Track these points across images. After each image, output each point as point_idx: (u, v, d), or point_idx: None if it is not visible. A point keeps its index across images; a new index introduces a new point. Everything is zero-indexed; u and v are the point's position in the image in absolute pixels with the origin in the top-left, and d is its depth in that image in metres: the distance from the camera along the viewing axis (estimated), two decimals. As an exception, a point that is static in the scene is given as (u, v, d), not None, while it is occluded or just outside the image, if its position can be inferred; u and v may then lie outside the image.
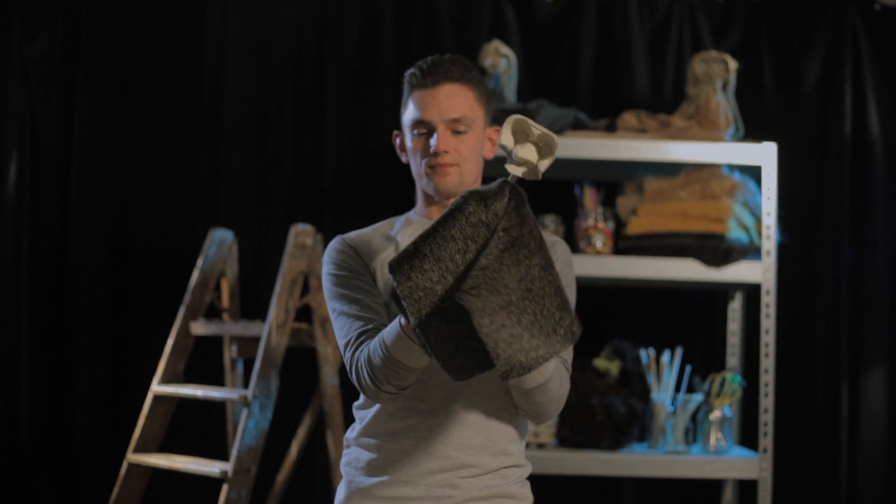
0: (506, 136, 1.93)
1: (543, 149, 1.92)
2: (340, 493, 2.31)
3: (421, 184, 2.34)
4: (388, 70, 4.55)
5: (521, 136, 1.93)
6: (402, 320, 2.01)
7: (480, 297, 1.84)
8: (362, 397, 2.31)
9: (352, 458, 2.30)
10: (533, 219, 1.87)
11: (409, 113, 2.32)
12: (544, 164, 1.92)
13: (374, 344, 2.09)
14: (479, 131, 2.32)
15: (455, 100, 2.27)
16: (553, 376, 2.11)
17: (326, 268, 2.31)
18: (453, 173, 2.27)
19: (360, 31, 4.57)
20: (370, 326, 2.17)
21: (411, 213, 2.40)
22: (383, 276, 2.26)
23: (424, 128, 2.29)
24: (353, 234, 2.36)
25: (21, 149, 4.48)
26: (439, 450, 2.20)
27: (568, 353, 2.25)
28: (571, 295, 2.29)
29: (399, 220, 2.39)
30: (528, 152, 1.91)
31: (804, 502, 4.49)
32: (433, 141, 2.27)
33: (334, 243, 2.33)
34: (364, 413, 2.29)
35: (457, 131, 2.27)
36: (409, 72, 2.32)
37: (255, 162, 4.55)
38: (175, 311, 4.22)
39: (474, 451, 2.21)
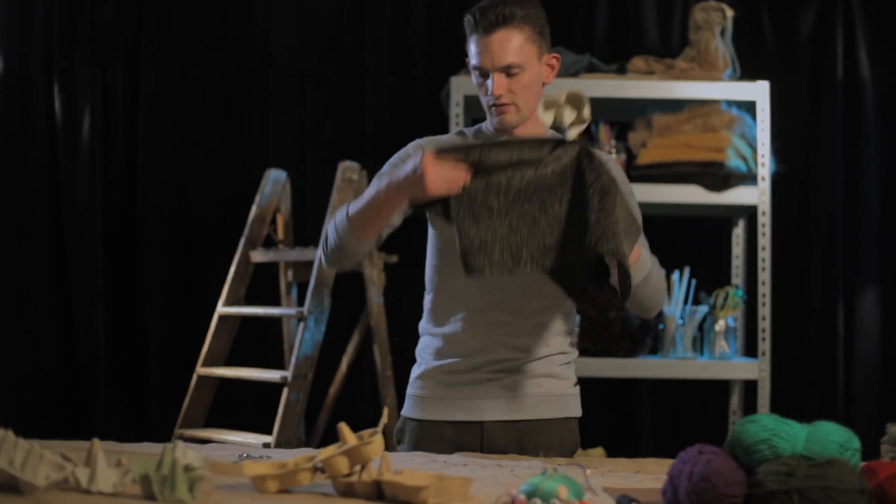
0: (559, 116, 2.61)
1: (576, 102, 2.65)
2: (414, 372, 2.71)
3: (488, 117, 2.56)
4: (420, 25, 5.04)
5: (562, 108, 2.62)
6: (350, 209, 2.46)
7: (605, 234, 2.32)
8: (429, 294, 2.68)
9: (423, 345, 2.69)
10: (602, 164, 2.35)
11: (470, 56, 2.51)
12: (586, 112, 2.63)
13: (336, 217, 2.53)
14: (534, 66, 2.49)
15: (505, 46, 2.44)
16: (652, 269, 2.51)
17: (391, 159, 2.59)
18: (511, 111, 2.49)
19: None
20: None
21: (483, 125, 2.62)
22: None
23: (481, 73, 2.49)
24: (429, 139, 2.63)
25: (93, 104, 4.99)
26: (487, 346, 2.58)
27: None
28: (632, 198, 2.63)
29: (470, 133, 2.63)
30: (570, 115, 2.65)
31: (806, 407, 4.94)
32: (489, 84, 2.47)
33: (410, 146, 2.61)
34: (428, 305, 2.65)
35: (510, 74, 2.46)
36: (466, 16, 2.50)
37: (303, 110, 5.05)
38: (235, 244, 4.67)
39: (516, 350, 2.59)
